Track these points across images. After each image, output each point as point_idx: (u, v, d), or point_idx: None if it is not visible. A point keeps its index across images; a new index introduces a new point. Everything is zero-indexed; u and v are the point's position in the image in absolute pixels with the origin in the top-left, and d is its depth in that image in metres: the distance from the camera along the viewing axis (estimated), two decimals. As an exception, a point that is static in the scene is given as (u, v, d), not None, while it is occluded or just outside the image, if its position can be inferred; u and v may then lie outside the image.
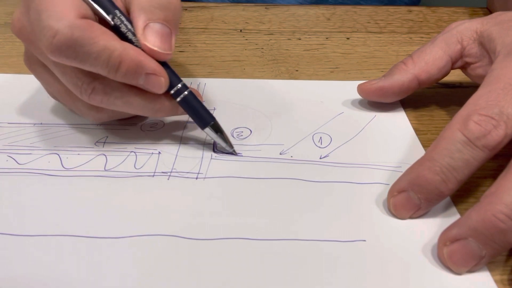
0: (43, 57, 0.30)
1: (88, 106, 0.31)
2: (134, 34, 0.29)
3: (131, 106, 0.30)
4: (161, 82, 0.30)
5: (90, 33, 0.27)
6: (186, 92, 0.31)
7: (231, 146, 0.32)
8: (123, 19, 0.29)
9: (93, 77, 0.29)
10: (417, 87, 0.35)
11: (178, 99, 0.31)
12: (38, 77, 0.32)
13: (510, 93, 0.27)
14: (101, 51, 0.27)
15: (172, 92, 0.31)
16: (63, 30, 0.27)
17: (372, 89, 0.36)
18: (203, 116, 0.32)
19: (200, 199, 0.29)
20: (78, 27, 0.27)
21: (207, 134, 0.32)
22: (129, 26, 0.29)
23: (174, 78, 0.31)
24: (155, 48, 0.29)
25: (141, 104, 0.30)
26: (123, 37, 0.29)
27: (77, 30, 0.27)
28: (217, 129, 0.32)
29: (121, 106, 0.30)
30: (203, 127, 0.32)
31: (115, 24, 0.29)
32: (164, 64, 0.30)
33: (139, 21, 0.29)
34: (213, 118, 0.32)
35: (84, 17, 0.28)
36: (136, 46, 0.29)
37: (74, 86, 0.29)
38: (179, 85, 0.31)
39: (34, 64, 0.32)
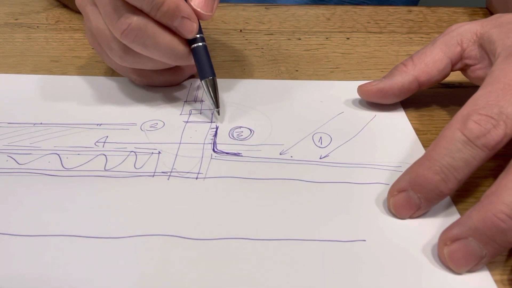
0: None
1: (119, 46, 0.34)
2: None
3: (158, 48, 0.33)
4: (193, 27, 0.34)
5: None
6: (200, 44, 0.35)
7: (216, 105, 0.35)
8: None
9: (132, 12, 0.32)
10: (417, 88, 0.35)
11: (193, 45, 0.35)
12: (83, 10, 0.36)
13: (509, 93, 0.27)
14: None
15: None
16: None
17: (373, 90, 0.36)
18: (205, 69, 0.35)
19: (200, 199, 0.29)
20: None
21: (202, 86, 0.35)
22: None
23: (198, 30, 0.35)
24: (198, 9, 0.34)
25: (167, 48, 0.34)
26: None
27: None
28: (212, 86, 0.35)
29: (149, 48, 0.33)
30: (201, 78, 0.35)
31: None
32: None
33: None
34: (213, 75, 0.35)
35: None
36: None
37: (111, 21, 0.33)
38: (198, 36, 0.35)
39: None
